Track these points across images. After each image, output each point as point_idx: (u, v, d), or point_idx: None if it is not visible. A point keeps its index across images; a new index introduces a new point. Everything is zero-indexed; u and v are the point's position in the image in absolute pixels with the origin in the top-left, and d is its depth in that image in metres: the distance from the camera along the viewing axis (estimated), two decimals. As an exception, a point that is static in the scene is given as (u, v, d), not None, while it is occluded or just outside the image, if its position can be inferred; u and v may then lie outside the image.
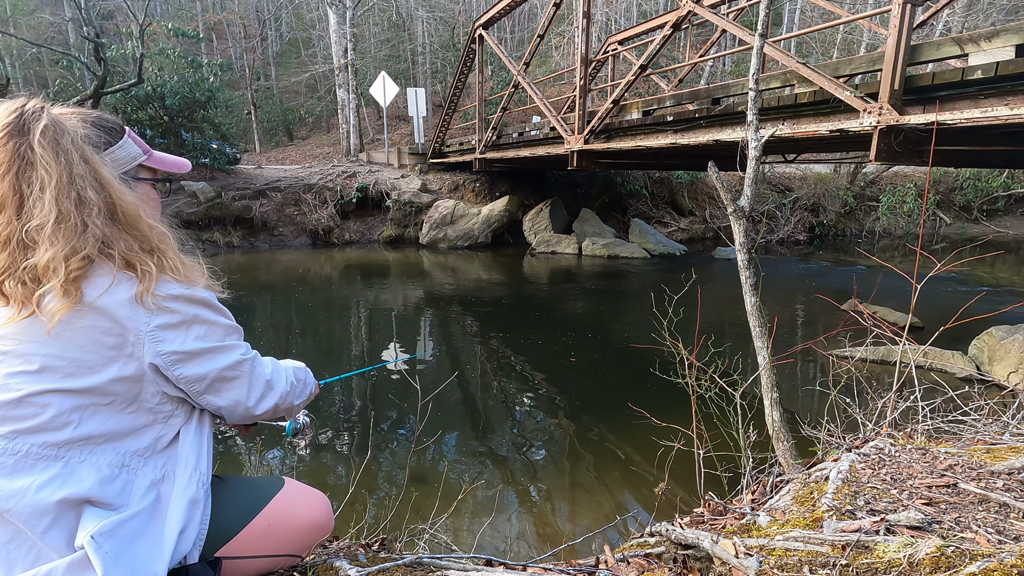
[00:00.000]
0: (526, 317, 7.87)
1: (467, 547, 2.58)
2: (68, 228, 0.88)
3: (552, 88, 20.01)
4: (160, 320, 0.94)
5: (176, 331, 0.96)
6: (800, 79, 4.90)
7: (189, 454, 1.02)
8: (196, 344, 0.98)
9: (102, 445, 0.92)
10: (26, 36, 18.94)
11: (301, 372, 1.26)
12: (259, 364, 1.11)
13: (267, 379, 1.11)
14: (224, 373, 1.03)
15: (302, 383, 1.24)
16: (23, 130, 0.88)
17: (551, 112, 8.61)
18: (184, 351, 0.97)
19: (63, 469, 0.87)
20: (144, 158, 1.09)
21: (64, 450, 0.89)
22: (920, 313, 5.96)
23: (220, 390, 1.04)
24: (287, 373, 1.19)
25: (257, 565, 1.09)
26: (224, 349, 1.03)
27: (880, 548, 1.07)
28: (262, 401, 1.10)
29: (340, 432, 4.16)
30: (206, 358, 1.00)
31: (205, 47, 25.87)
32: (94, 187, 0.92)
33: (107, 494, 0.89)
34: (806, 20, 22.85)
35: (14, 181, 0.87)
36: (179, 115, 13.54)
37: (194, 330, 0.98)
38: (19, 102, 0.90)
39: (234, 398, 1.06)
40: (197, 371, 0.99)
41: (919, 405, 2.29)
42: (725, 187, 2.40)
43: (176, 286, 0.96)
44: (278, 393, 1.13)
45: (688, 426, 2.24)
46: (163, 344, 0.94)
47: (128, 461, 0.94)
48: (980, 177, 16.51)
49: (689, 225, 16.04)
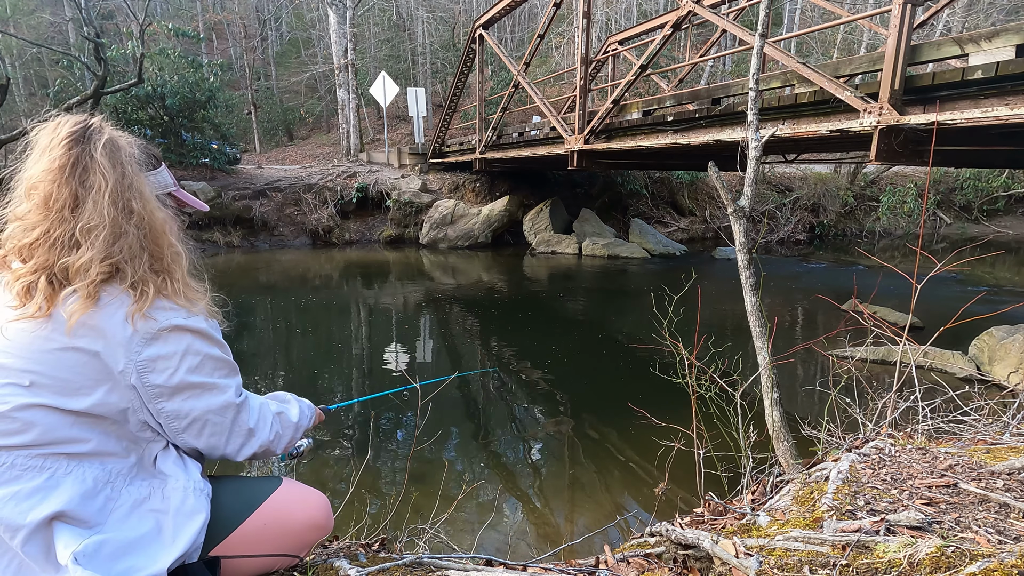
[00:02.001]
0: (526, 317, 7.87)
1: (467, 547, 2.58)
2: (110, 234, 0.93)
3: (552, 88, 20.01)
4: (152, 350, 0.93)
5: (167, 362, 0.94)
6: (800, 79, 4.90)
7: (174, 470, 1.01)
8: (185, 378, 0.96)
9: (89, 459, 0.92)
10: (26, 36, 18.94)
11: (289, 418, 1.21)
12: (245, 411, 1.07)
13: (249, 428, 1.08)
14: (207, 416, 1.01)
15: (289, 429, 1.19)
16: (86, 139, 0.95)
17: (551, 112, 8.61)
18: (171, 385, 0.96)
19: (47, 481, 0.87)
20: (174, 188, 1.16)
21: (51, 461, 0.89)
22: (920, 313, 5.96)
23: (200, 432, 1.02)
24: (272, 423, 1.14)
25: (254, 565, 1.09)
26: (213, 388, 1.00)
27: (880, 548, 1.07)
28: (242, 449, 1.08)
29: (340, 432, 4.16)
30: (192, 395, 0.98)
31: (205, 47, 25.86)
32: (137, 199, 0.98)
33: (85, 511, 0.89)
34: (806, 20, 22.85)
35: (73, 184, 0.93)
36: (179, 115, 13.53)
37: (185, 362, 0.96)
38: (84, 117, 0.99)
39: (212, 444, 1.04)
40: (178, 407, 0.98)
41: (919, 405, 2.29)
42: (725, 187, 2.40)
43: (174, 315, 0.96)
44: (258, 443, 1.10)
45: (688, 426, 2.24)
46: (151, 375, 0.94)
47: (113, 479, 0.94)
48: (980, 177, 16.49)
49: (689, 225, 16.03)
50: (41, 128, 0.97)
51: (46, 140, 0.95)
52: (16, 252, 0.94)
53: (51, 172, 0.93)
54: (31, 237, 0.92)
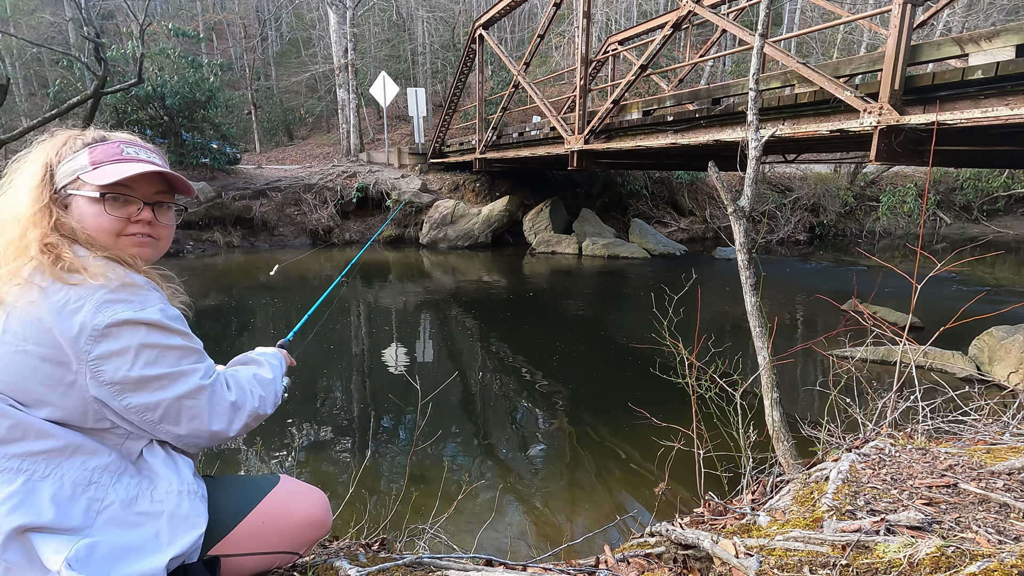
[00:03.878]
0: (526, 317, 7.87)
1: (467, 547, 2.57)
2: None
3: (552, 88, 20.00)
4: (102, 348, 0.88)
5: (120, 359, 0.90)
6: (800, 79, 4.90)
7: (164, 471, 0.98)
8: (144, 371, 0.92)
9: (68, 458, 0.90)
10: (26, 36, 18.93)
11: (264, 377, 1.17)
12: (220, 387, 1.03)
13: (231, 401, 1.04)
14: (181, 402, 0.96)
15: (270, 387, 1.16)
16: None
17: (551, 112, 8.61)
18: (131, 379, 0.91)
19: (23, 486, 0.85)
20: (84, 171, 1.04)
21: (28, 462, 0.87)
22: (920, 313, 5.96)
23: (178, 419, 0.97)
24: (252, 388, 1.11)
25: (253, 563, 1.08)
26: (178, 376, 0.96)
27: (880, 548, 1.07)
28: (232, 424, 1.04)
29: (340, 432, 4.16)
30: (158, 386, 0.93)
31: (205, 47, 25.86)
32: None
33: (66, 518, 0.86)
34: (806, 20, 22.85)
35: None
36: (179, 115, 13.53)
37: (142, 356, 0.91)
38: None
39: (195, 428, 0.99)
40: (147, 400, 0.93)
41: (919, 405, 2.29)
42: (725, 187, 2.40)
43: (122, 308, 0.90)
44: (246, 413, 1.06)
45: (688, 426, 2.24)
46: (105, 374, 0.89)
47: (96, 478, 0.91)
48: (980, 177, 16.49)
49: (689, 225, 16.03)
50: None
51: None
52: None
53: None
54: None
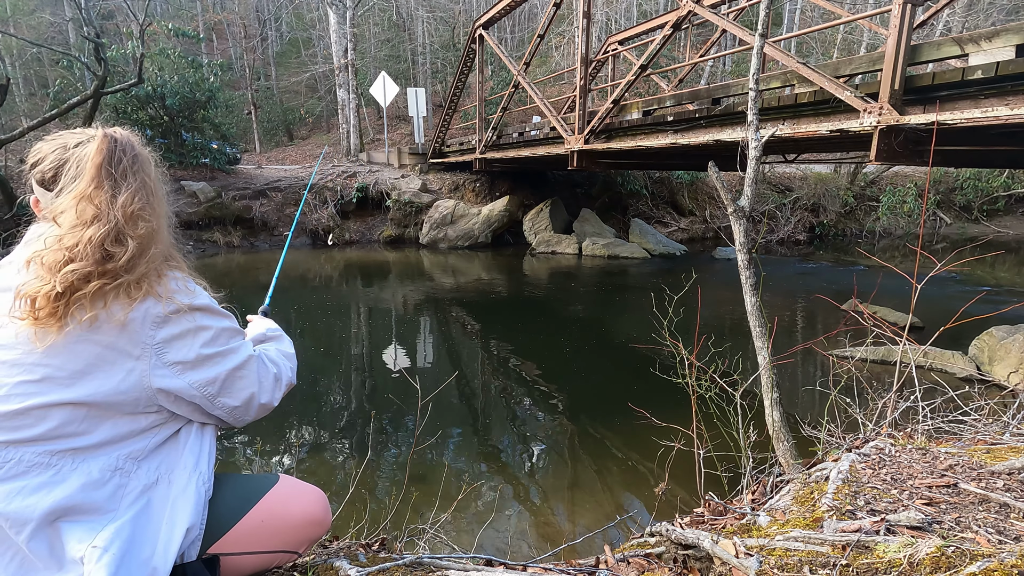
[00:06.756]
0: (526, 317, 7.87)
1: (467, 547, 2.57)
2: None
3: (552, 88, 20.00)
4: (164, 332, 0.98)
5: (182, 341, 1.00)
6: (800, 79, 4.90)
7: (188, 456, 1.04)
8: (203, 351, 1.03)
9: (98, 451, 0.93)
10: (26, 36, 18.92)
11: (287, 348, 1.33)
12: (264, 361, 1.16)
13: (273, 373, 1.17)
14: (235, 373, 1.08)
15: (294, 358, 1.31)
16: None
17: (551, 112, 8.61)
18: (191, 359, 1.01)
19: (53, 476, 0.88)
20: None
21: (57, 458, 0.90)
22: (920, 313, 5.96)
23: (232, 390, 1.09)
24: (282, 361, 1.24)
25: (252, 562, 1.09)
26: (229, 352, 1.08)
27: (880, 548, 1.07)
28: (275, 394, 1.17)
29: (340, 432, 4.16)
30: (215, 362, 1.05)
31: (205, 47, 25.85)
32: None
33: (94, 499, 0.90)
34: (806, 20, 22.86)
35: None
36: (179, 115, 13.53)
37: (200, 337, 1.03)
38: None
39: (246, 397, 1.11)
40: (208, 375, 1.04)
41: (919, 405, 2.29)
42: (725, 187, 2.40)
43: (180, 297, 1.01)
44: (284, 383, 1.20)
45: (688, 426, 2.24)
46: (169, 355, 0.99)
47: (122, 464, 0.96)
48: (980, 177, 16.49)
49: (689, 225, 16.03)
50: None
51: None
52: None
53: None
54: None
